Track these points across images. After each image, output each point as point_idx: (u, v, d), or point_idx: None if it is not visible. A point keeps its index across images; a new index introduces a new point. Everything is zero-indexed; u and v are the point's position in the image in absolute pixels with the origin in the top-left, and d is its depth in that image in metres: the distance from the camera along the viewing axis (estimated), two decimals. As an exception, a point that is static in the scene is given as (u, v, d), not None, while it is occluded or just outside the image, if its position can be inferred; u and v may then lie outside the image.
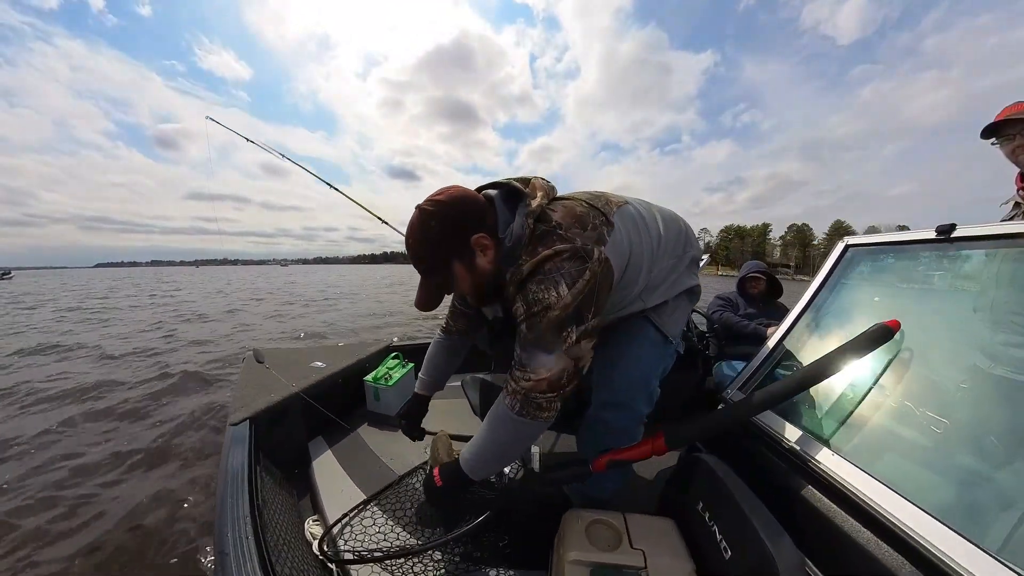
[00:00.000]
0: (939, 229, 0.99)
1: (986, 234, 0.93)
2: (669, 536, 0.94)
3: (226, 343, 7.00)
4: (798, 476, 0.87)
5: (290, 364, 1.84)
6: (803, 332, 1.19)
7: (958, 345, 0.95)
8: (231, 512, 0.91)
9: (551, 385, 0.85)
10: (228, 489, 0.98)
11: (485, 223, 0.89)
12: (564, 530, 0.96)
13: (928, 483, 0.77)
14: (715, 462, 0.98)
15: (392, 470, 1.45)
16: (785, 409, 1.02)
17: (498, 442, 0.94)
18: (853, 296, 1.16)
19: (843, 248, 1.21)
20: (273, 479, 1.26)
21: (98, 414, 3.59)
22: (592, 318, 0.85)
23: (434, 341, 1.38)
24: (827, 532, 0.77)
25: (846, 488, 0.78)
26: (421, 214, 0.87)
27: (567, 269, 0.81)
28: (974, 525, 0.63)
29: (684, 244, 1.13)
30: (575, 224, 0.86)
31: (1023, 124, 1.28)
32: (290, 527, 1.10)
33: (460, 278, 0.92)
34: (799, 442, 0.90)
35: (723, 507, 0.88)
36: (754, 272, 2.51)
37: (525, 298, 0.84)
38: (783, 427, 0.95)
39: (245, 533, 0.85)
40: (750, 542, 0.77)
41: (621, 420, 1.13)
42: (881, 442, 0.85)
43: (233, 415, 1.31)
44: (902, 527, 0.67)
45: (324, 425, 1.72)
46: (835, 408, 0.95)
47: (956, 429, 0.80)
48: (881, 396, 0.91)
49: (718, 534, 0.86)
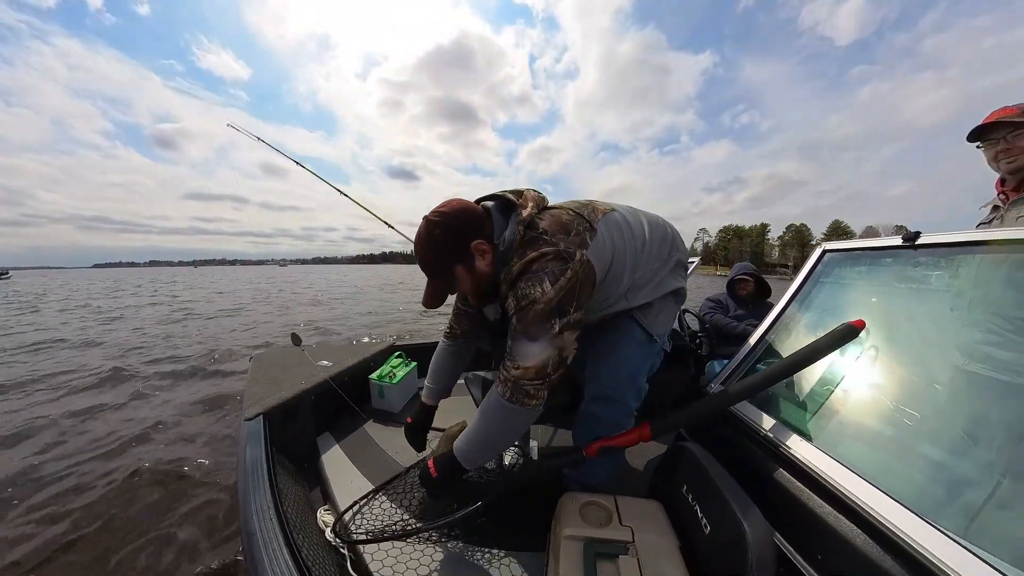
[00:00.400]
0: (905, 237, 1.08)
1: (947, 242, 1.02)
2: (656, 516, 1.04)
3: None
4: (771, 460, 0.96)
5: (299, 361, 1.92)
6: (783, 329, 1.28)
7: (924, 341, 1.05)
8: (254, 500, 0.98)
9: (538, 373, 0.94)
10: (249, 480, 1.05)
11: (483, 231, 1.00)
12: (560, 511, 1.05)
13: (889, 467, 0.86)
14: (699, 450, 1.07)
15: (398, 463, 1.52)
16: (762, 401, 1.11)
17: (489, 430, 1.02)
18: (829, 296, 1.25)
19: (821, 252, 1.30)
20: (286, 471, 1.33)
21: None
22: (574, 312, 0.95)
23: (439, 348, 1.43)
24: (794, 508, 0.86)
25: (812, 469, 0.87)
26: (428, 224, 0.98)
27: (551, 268, 0.92)
28: (926, 502, 0.72)
29: (670, 248, 1.22)
30: (560, 230, 0.97)
31: (1009, 128, 1.28)
32: (305, 514, 1.17)
33: (462, 280, 1.03)
34: (773, 430, 0.99)
35: (704, 489, 0.98)
36: (742, 274, 2.61)
37: (515, 294, 0.95)
38: (759, 417, 1.04)
39: (269, 516, 0.92)
40: (726, 517, 0.86)
41: (611, 413, 1.21)
42: (845, 429, 0.94)
43: (247, 411, 1.38)
44: (858, 502, 0.76)
45: (332, 421, 1.80)
46: (805, 399, 1.04)
47: (926, 421, 0.89)
48: (847, 389, 1.00)
49: (699, 512, 0.96)
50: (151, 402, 3.96)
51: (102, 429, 3.28)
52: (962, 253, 1.00)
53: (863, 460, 0.84)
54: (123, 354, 6.07)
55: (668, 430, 1.07)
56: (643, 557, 0.89)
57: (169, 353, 6.07)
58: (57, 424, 3.36)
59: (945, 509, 0.72)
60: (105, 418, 3.53)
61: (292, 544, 0.87)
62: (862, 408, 0.96)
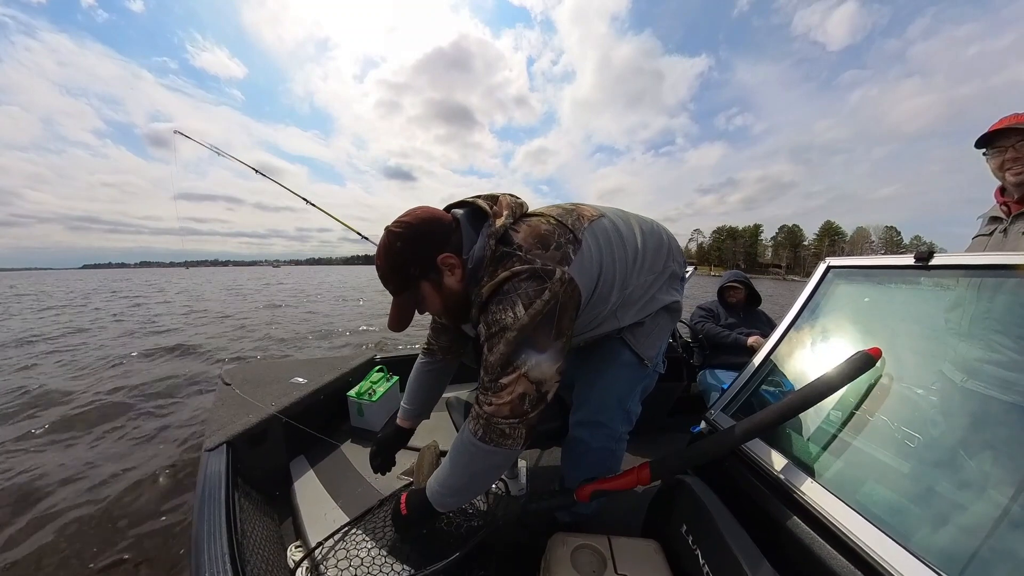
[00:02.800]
0: (917, 255, 1.01)
1: (962, 263, 0.95)
2: (653, 559, 0.95)
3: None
4: (778, 501, 0.88)
5: (270, 380, 1.78)
6: (787, 350, 1.20)
7: (940, 365, 0.97)
8: (208, 546, 0.88)
9: (513, 410, 0.81)
10: (204, 522, 0.95)
11: (450, 243, 0.88)
12: (549, 556, 0.96)
13: (902, 511, 0.79)
14: (699, 485, 0.99)
15: (377, 489, 1.42)
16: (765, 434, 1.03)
17: (463, 472, 0.90)
18: (834, 315, 1.18)
19: (825, 269, 1.23)
20: (253, 504, 1.23)
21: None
22: (556, 340, 0.82)
23: (416, 366, 1.30)
24: (802, 556, 0.78)
25: (822, 514, 0.79)
26: (389, 235, 0.86)
27: (524, 289, 0.79)
28: (949, 561, 0.65)
29: (665, 258, 1.11)
30: (537, 244, 0.85)
31: (1020, 136, 1.23)
32: (272, 555, 1.07)
33: (429, 298, 0.91)
34: (781, 468, 0.91)
35: (705, 531, 0.89)
36: (732, 281, 2.56)
37: (485, 319, 0.84)
38: (765, 452, 0.96)
39: (223, 570, 0.82)
40: (729, 564, 0.78)
41: (599, 439, 1.13)
42: (858, 469, 0.86)
43: (208, 439, 1.26)
44: (874, 555, 0.68)
45: (306, 444, 1.67)
46: (816, 435, 0.96)
47: (936, 449, 0.82)
48: (862, 423, 0.92)
49: (700, 558, 0.88)
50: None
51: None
52: (980, 276, 0.93)
53: (880, 506, 0.76)
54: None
55: (670, 473, 0.99)
56: (640, 610, 0.81)
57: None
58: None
59: (978, 571, 0.64)
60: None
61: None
62: (878, 442, 0.87)
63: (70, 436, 3.38)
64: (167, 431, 3.47)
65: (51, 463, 2.88)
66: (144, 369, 5.49)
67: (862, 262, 1.15)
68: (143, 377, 5.02)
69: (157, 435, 3.39)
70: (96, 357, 6.22)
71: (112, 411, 3.93)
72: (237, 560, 0.85)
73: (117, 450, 3.13)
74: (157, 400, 4.23)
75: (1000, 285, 0.91)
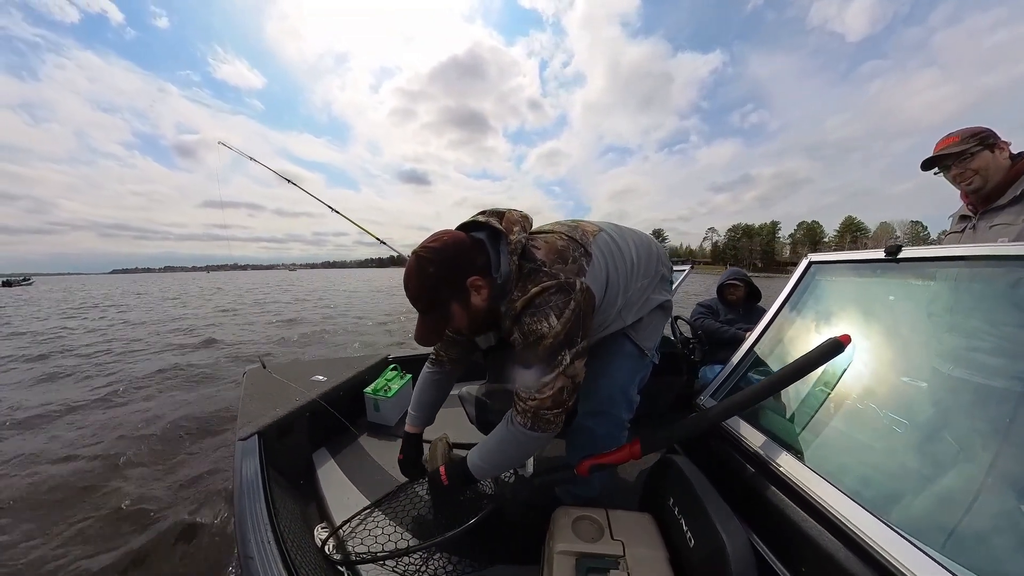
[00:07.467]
0: (887, 250, 1.10)
1: (928, 256, 1.04)
2: (646, 529, 1.06)
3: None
4: (756, 472, 0.98)
5: (293, 377, 1.90)
6: (773, 339, 1.30)
7: (912, 351, 1.06)
8: (251, 520, 0.99)
9: (555, 402, 0.97)
10: (246, 500, 1.06)
11: (476, 264, 0.99)
12: (553, 525, 1.08)
13: (872, 480, 0.88)
14: (685, 463, 1.09)
15: (394, 477, 1.51)
16: (749, 414, 1.12)
17: (507, 452, 1.08)
18: (815, 306, 1.27)
19: (807, 264, 1.32)
20: (282, 489, 1.33)
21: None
22: (581, 340, 0.97)
23: (423, 375, 1.40)
24: (779, 521, 0.88)
25: (795, 483, 0.89)
26: (418, 260, 0.95)
27: (554, 302, 0.93)
28: (907, 519, 0.73)
29: (656, 264, 1.24)
30: (557, 259, 0.99)
31: (955, 157, 1.41)
32: (302, 533, 1.18)
33: (457, 316, 1.02)
34: (758, 443, 1.01)
35: (689, 502, 0.99)
36: (732, 279, 2.63)
37: (521, 330, 0.97)
38: (746, 429, 1.06)
39: (267, 538, 0.93)
40: (707, 530, 0.88)
41: (604, 426, 1.24)
42: (829, 442, 0.96)
43: (241, 430, 1.37)
44: (839, 516, 0.78)
45: (327, 437, 1.80)
46: (790, 411, 1.06)
47: (911, 431, 0.90)
48: (834, 401, 1.02)
49: (684, 525, 0.98)
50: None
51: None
52: (943, 267, 1.01)
53: (845, 473, 0.86)
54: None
55: (658, 447, 1.09)
56: (633, 571, 0.92)
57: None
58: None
59: (929, 527, 0.73)
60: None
61: (290, 567, 0.88)
62: (847, 420, 0.97)
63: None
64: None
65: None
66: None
67: (840, 257, 1.24)
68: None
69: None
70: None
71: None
72: (281, 540, 0.96)
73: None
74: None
75: (961, 275, 1.00)
